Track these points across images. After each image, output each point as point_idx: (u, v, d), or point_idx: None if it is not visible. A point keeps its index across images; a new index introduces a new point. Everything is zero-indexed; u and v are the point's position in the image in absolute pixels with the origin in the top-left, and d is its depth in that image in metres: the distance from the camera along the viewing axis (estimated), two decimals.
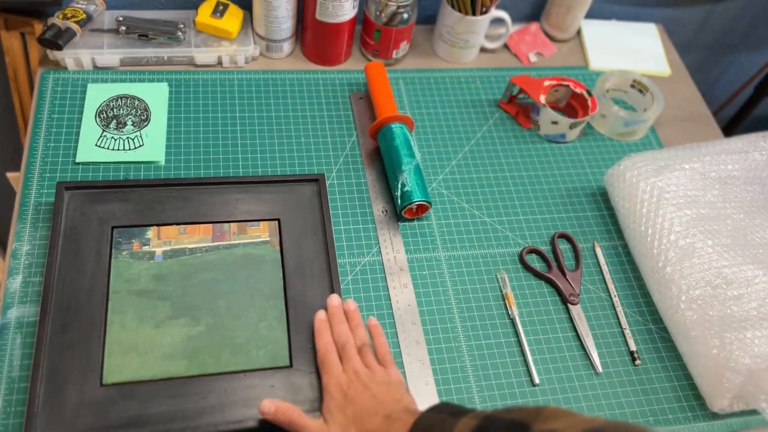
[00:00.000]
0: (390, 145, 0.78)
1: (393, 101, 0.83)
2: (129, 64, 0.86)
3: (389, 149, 0.78)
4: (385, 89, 0.84)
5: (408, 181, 0.75)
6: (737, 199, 0.78)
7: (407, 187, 0.75)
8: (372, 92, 0.84)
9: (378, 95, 0.83)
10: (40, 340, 0.60)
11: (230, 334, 0.64)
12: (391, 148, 0.78)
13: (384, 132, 0.80)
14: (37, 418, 0.57)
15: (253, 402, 0.61)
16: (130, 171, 0.77)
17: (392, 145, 0.78)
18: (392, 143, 0.78)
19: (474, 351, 0.69)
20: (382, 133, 0.80)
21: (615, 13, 1.08)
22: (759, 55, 1.29)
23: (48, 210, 0.72)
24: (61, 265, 0.65)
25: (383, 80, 0.85)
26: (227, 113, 0.84)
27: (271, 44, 0.89)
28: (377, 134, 0.81)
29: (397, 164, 0.77)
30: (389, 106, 0.82)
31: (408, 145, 0.78)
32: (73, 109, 0.81)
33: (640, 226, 0.75)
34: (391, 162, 0.78)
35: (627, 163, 0.80)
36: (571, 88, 0.89)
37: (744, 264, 0.71)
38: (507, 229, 0.80)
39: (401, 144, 0.78)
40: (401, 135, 0.79)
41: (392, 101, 0.83)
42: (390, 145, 0.78)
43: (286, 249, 0.71)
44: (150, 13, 0.89)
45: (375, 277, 0.73)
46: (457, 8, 0.89)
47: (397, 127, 0.79)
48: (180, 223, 0.70)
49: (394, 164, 0.77)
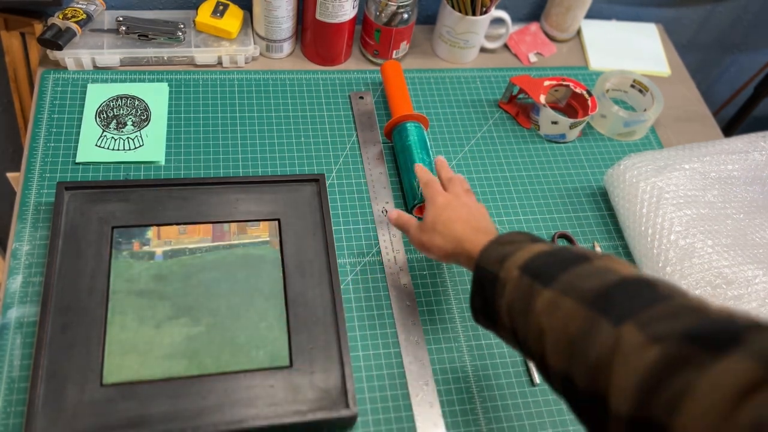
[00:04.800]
0: (405, 144, 0.79)
1: (409, 100, 0.83)
2: (129, 64, 0.86)
3: (404, 148, 0.79)
4: (401, 88, 0.84)
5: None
6: (737, 199, 0.78)
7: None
8: (388, 91, 0.85)
9: (394, 94, 0.84)
10: (40, 340, 0.60)
11: (230, 334, 0.64)
12: (407, 146, 0.79)
13: (399, 130, 0.80)
14: (37, 418, 0.57)
15: (253, 402, 0.61)
16: (130, 171, 0.77)
17: (408, 143, 0.79)
18: (408, 142, 0.79)
19: (474, 351, 0.69)
20: (398, 132, 0.81)
21: (615, 13, 1.08)
22: (759, 55, 1.29)
23: (48, 210, 0.72)
24: (61, 265, 0.65)
25: (399, 79, 0.85)
26: (227, 113, 0.84)
27: (271, 44, 0.89)
28: (392, 133, 0.82)
29: (412, 162, 0.77)
30: (405, 105, 0.83)
31: (424, 144, 0.79)
32: (73, 109, 0.81)
33: (640, 226, 0.75)
34: (405, 160, 0.79)
35: (627, 163, 0.80)
36: (571, 88, 0.89)
37: (744, 264, 0.71)
38: (507, 229, 0.80)
39: (419, 142, 0.79)
40: (419, 134, 0.80)
41: (408, 100, 0.83)
42: (405, 144, 0.79)
43: (286, 249, 0.71)
44: (150, 13, 0.89)
45: (375, 277, 0.73)
46: (457, 8, 0.89)
47: (415, 126, 0.80)
48: (180, 223, 0.70)
49: (408, 162, 0.78)
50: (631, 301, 0.42)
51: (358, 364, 0.67)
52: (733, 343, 0.35)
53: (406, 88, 0.85)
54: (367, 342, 0.68)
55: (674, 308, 0.40)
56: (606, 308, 0.42)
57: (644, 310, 0.41)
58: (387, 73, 0.86)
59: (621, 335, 0.40)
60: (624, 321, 0.40)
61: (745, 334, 0.35)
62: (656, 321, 0.39)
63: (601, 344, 0.41)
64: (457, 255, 0.60)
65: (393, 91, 0.84)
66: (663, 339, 0.38)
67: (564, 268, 0.48)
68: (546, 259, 0.50)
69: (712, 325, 0.38)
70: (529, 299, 0.48)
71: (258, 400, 0.61)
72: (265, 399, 0.61)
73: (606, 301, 0.43)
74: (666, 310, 0.40)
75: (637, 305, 0.41)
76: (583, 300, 0.44)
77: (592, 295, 0.44)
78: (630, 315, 0.41)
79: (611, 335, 0.40)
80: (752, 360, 0.33)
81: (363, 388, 0.65)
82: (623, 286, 0.43)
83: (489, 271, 0.53)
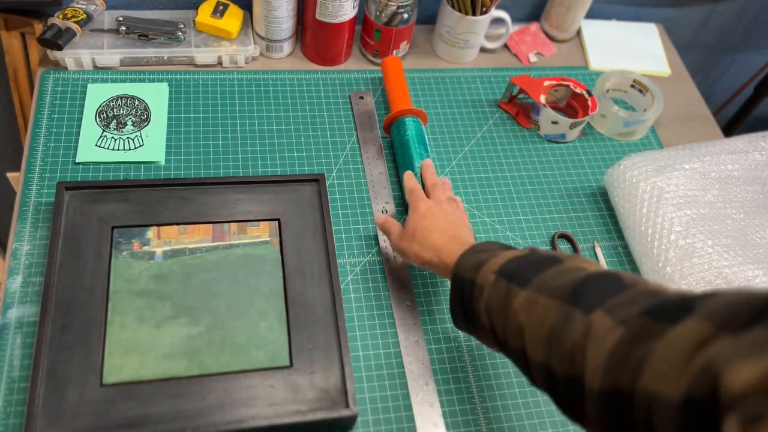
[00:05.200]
0: (403, 138, 0.79)
1: (408, 96, 0.83)
2: (129, 64, 0.86)
3: (402, 142, 0.79)
4: (401, 83, 0.84)
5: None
6: (737, 199, 0.78)
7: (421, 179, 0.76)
8: (388, 86, 0.85)
9: (394, 89, 0.84)
10: (40, 340, 0.60)
11: (230, 334, 0.64)
12: (405, 141, 0.79)
13: (398, 125, 0.80)
14: (37, 418, 0.57)
15: (253, 402, 0.61)
16: (130, 171, 0.77)
17: (406, 138, 0.79)
18: (406, 136, 0.79)
19: (474, 351, 0.69)
20: (396, 126, 0.81)
21: (615, 13, 1.08)
22: (759, 55, 1.29)
23: (48, 210, 0.71)
24: (61, 265, 0.65)
25: (399, 75, 0.85)
26: (227, 113, 0.84)
27: (271, 44, 0.89)
28: (390, 128, 0.82)
29: (410, 157, 0.78)
30: (405, 100, 0.82)
31: (422, 139, 0.79)
32: (73, 109, 0.81)
33: (640, 226, 0.75)
34: (403, 155, 0.79)
35: (627, 163, 0.80)
36: (571, 88, 0.89)
37: (744, 264, 0.71)
38: (507, 229, 0.80)
39: (417, 137, 0.79)
40: (417, 128, 0.80)
41: (407, 96, 0.83)
42: (403, 138, 0.79)
43: (286, 249, 0.71)
44: (150, 13, 0.89)
45: (375, 277, 0.73)
46: (457, 8, 0.89)
47: (413, 121, 0.80)
48: (180, 223, 0.70)
49: (406, 157, 0.78)
50: (599, 292, 0.46)
51: (358, 364, 0.67)
52: (686, 311, 0.38)
53: (406, 84, 0.85)
54: (367, 342, 0.68)
55: (637, 293, 0.44)
56: (577, 301, 0.46)
57: (611, 298, 0.44)
58: (387, 68, 0.86)
59: (591, 322, 0.43)
60: (593, 309, 0.44)
61: (697, 303, 0.39)
62: (621, 306, 0.43)
63: (575, 332, 0.44)
64: (433, 264, 0.62)
65: (392, 86, 0.84)
66: (627, 320, 0.42)
67: (537, 270, 0.51)
68: (519, 263, 0.53)
69: (668, 301, 0.41)
70: (506, 300, 0.51)
71: (258, 400, 0.61)
72: (265, 399, 0.61)
73: (577, 294, 0.46)
74: (630, 295, 0.44)
75: (604, 295, 0.45)
76: (557, 296, 0.48)
77: (565, 291, 0.47)
78: (599, 303, 0.44)
79: (583, 323, 0.44)
80: (703, 320, 0.36)
81: (363, 388, 0.65)
82: (592, 281, 0.47)
83: (466, 278, 0.56)
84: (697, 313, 0.37)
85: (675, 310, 0.39)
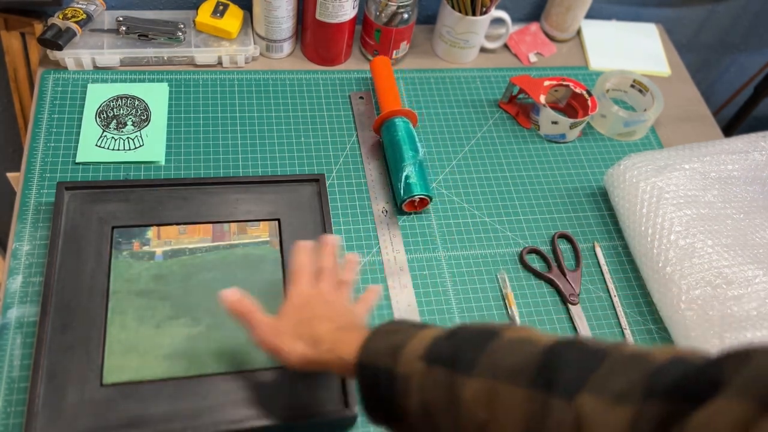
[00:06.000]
0: (393, 139, 0.79)
1: (398, 96, 0.83)
2: (129, 64, 0.86)
3: (393, 143, 0.79)
4: (390, 84, 0.84)
5: (413, 173, 0.76)
6: (737, 199, 0.78)
7: (411, 180, 0.75)
8: (377, 87, 0.85)
9: (383, 90, 0.84)
10: (40, 340, 0.60)
11: (230, 334, 0.64)
12: (395, 141, 0.79)
13: (388, 126, 0.80)
14: (37, 418, 0.57)
15: (253, 402, 0.61)
16: (130, 171, 0.77)
17: (396, 138, 0.79)
18: (396, 137, 0.79)
19: None
20: (386, 127, 0.81)
21: (615, 13, 1.08)
22: (759, 55, 1.29)
23: (48, 210, 0.72)
24: (61, 265, 0.65)
25: (389, 75, 0.85)
26: (227, 113, 0.84)
27: (271, 44, 0.89)
28: (381, 128, 0.82)
29: (400, 157, 0.77)
30: (394, 100, 0.82)
31: (412, 140, 0.79)
32: (73, 109, 0.81)
33: (640, 226, 0.75)
34: (394, 155, 0.78)
35: (627, 163, 0.80)
36: (571, 88, 0.89)
37: (744, 264, 0.71)
38: (507, 229, 0.80)
39: (406, 138, 0.79)
40: (405, 129, 0.80)
41: (397, 96, 0.83)
42: (393, 139, 0.79)
43: (287, 249, 0.71)
44: (150, 13, 0.89)
45: (375, 277, 0.73)
46: (457, 8, 0.89)
47: (402, 122, 0.80)
48: (180, 223, 0.70)
49: (396, 157, 0.78)
50: (571, 370, 0.39)
51: None
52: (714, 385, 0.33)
53: (395, 84, 0.85)
54: None
55: (618, 362, 0.38)
56: (550, 385, 0.39)
57: (591, 374, 0.38)
58: (376, 68, 0.86)
59: (579, 409, 0.37)
60: (576, 393, 0.38)
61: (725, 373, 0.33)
62: (608, 381, 0.37)
63: (560, 424, 0.37)
64: (324, 362, 0.52)
65: (382, 86, 0.84)
66: (625, 396, 0.36)
67: (478, 349, 0.43)
68: (449, 342, 0.45)
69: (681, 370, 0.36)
70: (451, 392, 0.42)
71: (258, 400, 0.61)
72: (265, 399, 0.61)
73: (546, 378, 0.39)
74: (610, 366, 0.38)
75: (581, 373, 0.38)
76: (521, 382, 0.40)
77: (528, 374, 0.40)
78: (580, 385, 0.38)
79: (569, 412, 0.37)
80: (740, 398, 0.31)
81: None
82: (555, 357, 0.40)
83: (381, 368, 0.46)
84: (730, 389, 0.32)
85: (697, 383, 0.34)
